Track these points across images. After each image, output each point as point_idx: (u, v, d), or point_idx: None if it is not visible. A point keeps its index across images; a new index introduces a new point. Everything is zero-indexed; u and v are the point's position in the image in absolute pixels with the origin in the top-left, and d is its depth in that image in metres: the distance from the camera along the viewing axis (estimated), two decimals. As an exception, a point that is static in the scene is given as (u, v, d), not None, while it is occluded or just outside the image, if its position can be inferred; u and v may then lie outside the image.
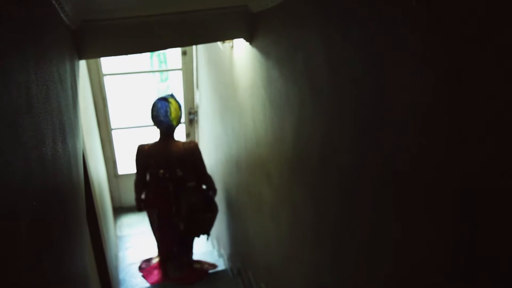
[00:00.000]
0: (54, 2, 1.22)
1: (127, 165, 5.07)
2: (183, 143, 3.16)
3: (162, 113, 3.00)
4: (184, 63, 4.39)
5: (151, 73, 9.09)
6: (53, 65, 1.11)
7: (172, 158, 3.10)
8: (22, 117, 0.71)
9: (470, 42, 0.66)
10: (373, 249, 1.09)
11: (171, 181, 3.14)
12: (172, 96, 3.06)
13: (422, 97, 0.80)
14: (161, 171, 3.11)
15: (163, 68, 9.09)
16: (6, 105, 0.63)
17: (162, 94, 3.21)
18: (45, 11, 1.09)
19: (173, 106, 3.01)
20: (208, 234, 3.48)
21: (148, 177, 3.24)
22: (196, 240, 3.69)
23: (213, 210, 3.39)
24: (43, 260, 0.80)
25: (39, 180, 0.81)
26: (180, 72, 4.51)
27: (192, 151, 3.14)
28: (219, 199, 3.83)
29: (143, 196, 3.38)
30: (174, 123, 3.04)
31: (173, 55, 4.65)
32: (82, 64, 2.83)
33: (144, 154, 3.11)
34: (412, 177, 0.87)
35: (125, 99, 4.77)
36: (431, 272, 0.85)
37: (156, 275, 3.59)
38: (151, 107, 3.05)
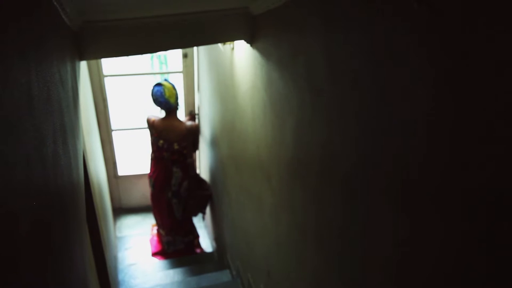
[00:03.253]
0: (55, 3, 1.22)
1: (127, 167, 5.07)
2: (186, 124, 3.81)
3: (158, 95, 3.64)
4: (185, 66, 4.35)
5: (152, 74, 9.08)
6: (54, 66, 1.11)
7: (172, 133, 3.74)
8: (23, 118, 0.71)
9: (472, 43, 0.66)
10: (375, 251, 1.09)
11: (167, 152, 3.79)
12: (165, 80, 3.71)
13: (424, 99, 0.80)
14: (161, 141, 3.77)
15: (164, 70, 9.09)
16: (8, 106, 0.63)
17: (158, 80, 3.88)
18: (46, 12, 1.09)
19: (166, 88, 3.64)
20: (204, 213, 4.23)
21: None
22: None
23: (208, 188, 4.13)
24: (43, 261, 0.80)
25: (39, 181, 0.81)
26: (181, 75, 4.48)
27: (193, 131, 3.85)
28: (219, 201, 3.83)
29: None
30: (171, 100, 3.66)
31: (174, 57, 4.62)
32: (83, 64, 2.84)
33: (149, 122, 3.79)
34: (415, 178, 0.87)
35: (126, 100, 4.77)
36: (435, 275, 0.85)
37: (155, 246, 4.28)
38: (150, 93, 3.70)
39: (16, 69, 0.69)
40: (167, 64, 9.38)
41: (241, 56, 2.33)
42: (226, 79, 2.87)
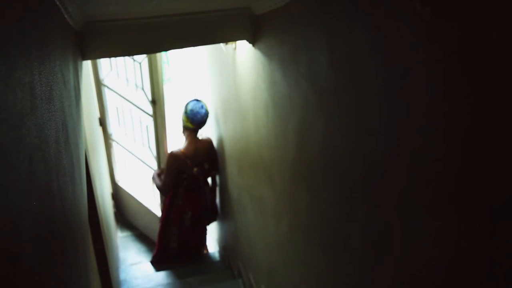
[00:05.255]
0: (58, 2, 1.22)
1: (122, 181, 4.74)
2: (205, 140, 3.58)
3: (199, 106, 3.37)
4: (154, 112, 3.61)
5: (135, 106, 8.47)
6: (57, 66, 1.12)
7: (201, 154, 3.48)
8: (26, 117, 0.71)
9: (474, 43, 0.66)
10: (376, 252, 1.09)
11: (201, 175, 3.53)
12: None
13: (429, 99, 0.80)
14: (195, 169, 3.45)
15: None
16: (11, 106, 0.63)
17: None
18: (49, 11, 1.10)
19: (207, 107, 3.42)
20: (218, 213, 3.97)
21: (178, 182, 3.51)
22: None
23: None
24: (45, 259, 0.80)
25: (42, 181, 0.81)
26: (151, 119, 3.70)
27: (213, 146, 3.61)
28: (221, 201, 3.83)
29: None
30: (205, 119, 3.40)
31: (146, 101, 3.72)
32: (86, 65, 2.84)
33: (181, 157, 3.39)
34: (419, 179, 0.87)
35: (123, 119, 4.20)
36: (447, 278, 0.85)
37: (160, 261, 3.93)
38: (185, 104, 3.42)
39: (19, 69, 0.69)
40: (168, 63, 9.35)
41: (244, 56, 2.32)
42: (228, 79, 2.87)
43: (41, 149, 0.82)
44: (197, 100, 3.43)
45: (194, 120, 3.37)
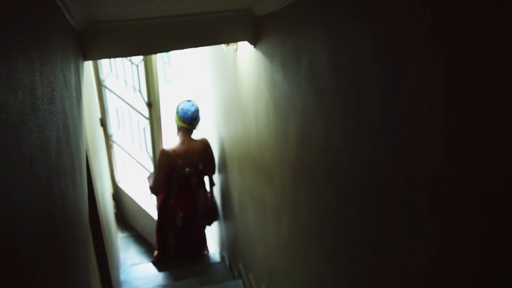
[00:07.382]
0: (59, 3, 1.22)
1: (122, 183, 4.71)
2: (200, 140, 3.55)
3: (189, 104, 3.42)
4: (150, 115, 3.59)
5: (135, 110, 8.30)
6: (58, 66, 1.12)
7: (194, 154, 3.46)
8: (27, 118, 0.71)
9: (474, 43, 0.66)
10: (376, 253, 1.09)
11: (194, 176, 3.50)
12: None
13: (428, 100, 0.80)
14: (187, 169, 3.44)
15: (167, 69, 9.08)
16: (12, 107, 0.63)
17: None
18: (50, 12, 1.10)
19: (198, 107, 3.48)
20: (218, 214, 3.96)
21: (170, 182, 3.50)
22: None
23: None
24: (46, 259, 0.81)
25: (43, 181, 0.81)
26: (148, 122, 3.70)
27: (209, 146, 3.57)
28: (222, 202, 3.83)
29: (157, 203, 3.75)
30: (197, 114, 3.43)
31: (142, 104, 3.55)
32: (88, 66, 2.84)
33: (171, 155, 3.40)
34: (419, 180, 0.87)
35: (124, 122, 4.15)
36: (449, 279, 0.85)
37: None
38: (176, 106, 3.46)
39: (20, 70, 0.69)
40: (169, 63, 9.38)
41: (245, 57, 2.33)
42: (229, 80, 2.88)
43: (42, 150, 0.82)
44: (187, 100, 3.48)
45: (186, 118, 3.39)
